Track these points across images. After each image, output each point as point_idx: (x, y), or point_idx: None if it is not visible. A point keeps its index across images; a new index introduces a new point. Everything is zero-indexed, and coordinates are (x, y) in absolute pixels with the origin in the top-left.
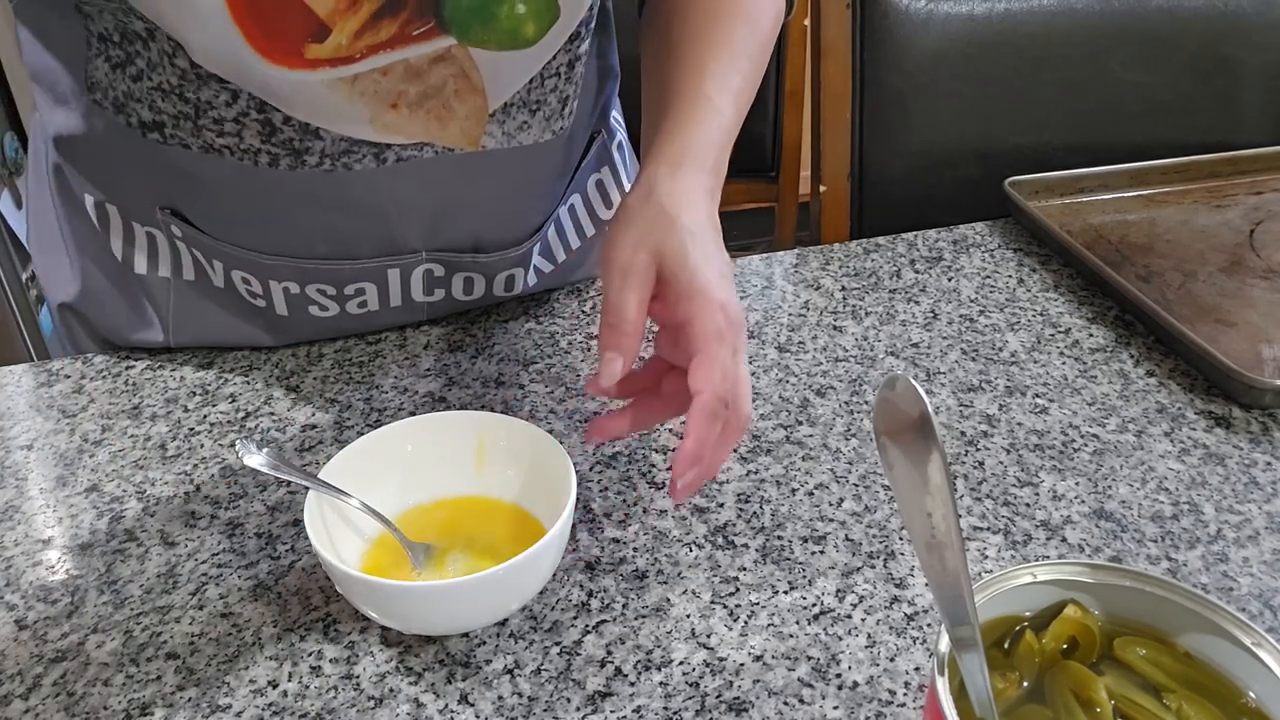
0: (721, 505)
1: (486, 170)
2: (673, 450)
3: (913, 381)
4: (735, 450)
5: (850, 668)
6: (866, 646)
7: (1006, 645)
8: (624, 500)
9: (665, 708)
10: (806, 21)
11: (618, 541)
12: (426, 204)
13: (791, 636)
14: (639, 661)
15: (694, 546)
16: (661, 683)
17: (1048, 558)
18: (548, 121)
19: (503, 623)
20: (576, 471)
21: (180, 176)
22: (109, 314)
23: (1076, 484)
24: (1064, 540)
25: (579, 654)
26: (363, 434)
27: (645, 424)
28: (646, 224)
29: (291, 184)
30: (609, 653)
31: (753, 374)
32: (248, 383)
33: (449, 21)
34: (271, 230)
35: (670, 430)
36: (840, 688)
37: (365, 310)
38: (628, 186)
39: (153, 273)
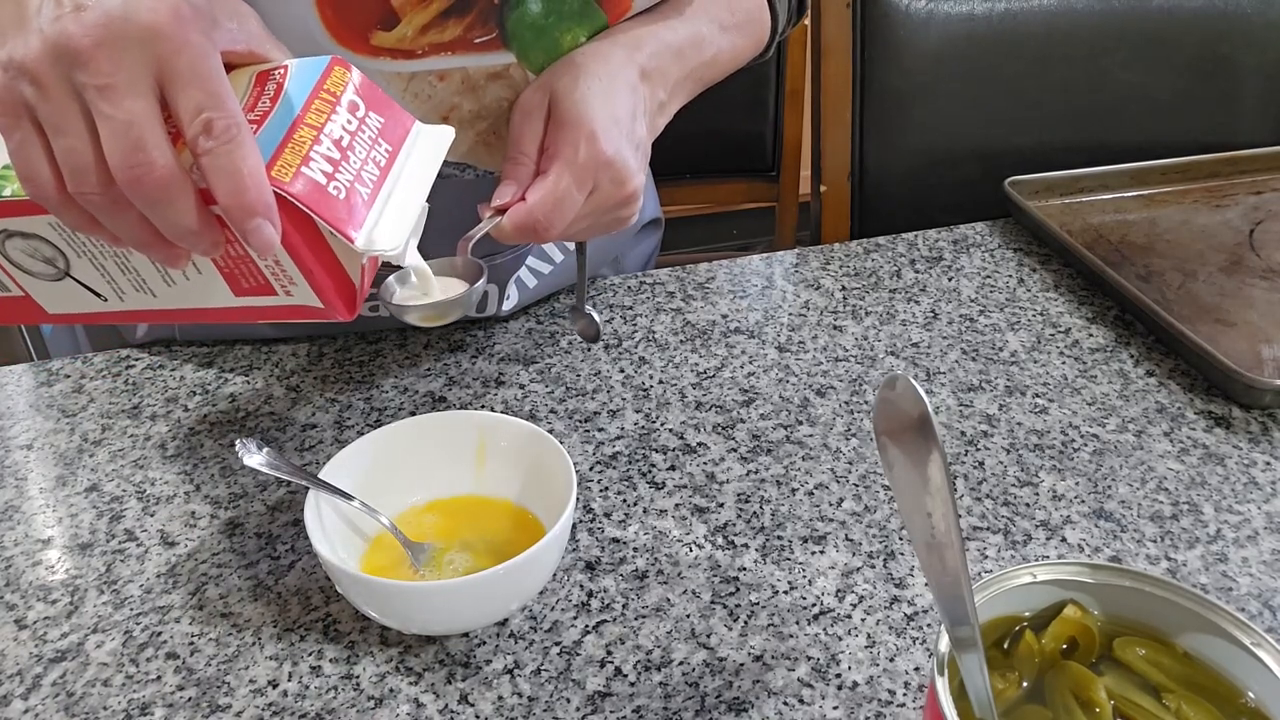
0: (721, 505)
1: None
2: (672, 450)
3: (913, 381)
4: (735, 450)
5: (850, 668)
6: (866, 646)
7: (1006, 645)
8: (624, 500)
9: (665, 708)
10: (806, 21)
11: (618, 541)
12: (456, 217)
13: (791, 636)
14: (639, 661)
15: (694, 546)
16: (661, 683)
17: (1048, 558)
18: None
19: (503, 623)
20: (576, 471)
21: None
22: None
23: (1076, 484)
24: (1064, 540)
25: (579, 654)
26: (363, 434)
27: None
28: (551, 71)
29: None
30: (609, 653)
31: (752, 374)
32: (248, 383)
33: (511, 36)
34: None
35: (670, 430)
36: (840, 688)
37: (376, 314)
38: None
39: None
